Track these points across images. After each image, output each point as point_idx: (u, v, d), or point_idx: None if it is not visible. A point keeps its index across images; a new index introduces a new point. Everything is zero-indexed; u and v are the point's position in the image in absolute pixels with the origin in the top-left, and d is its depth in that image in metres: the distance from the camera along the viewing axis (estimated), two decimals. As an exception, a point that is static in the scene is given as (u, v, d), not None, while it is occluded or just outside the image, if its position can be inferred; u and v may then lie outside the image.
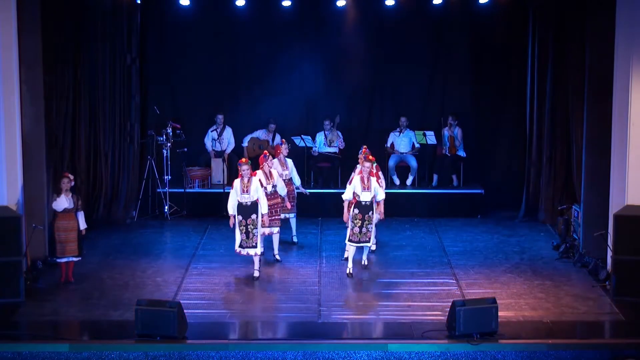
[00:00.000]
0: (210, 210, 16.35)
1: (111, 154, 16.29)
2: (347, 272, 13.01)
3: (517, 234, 15.47)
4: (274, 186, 13.51)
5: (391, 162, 17.27)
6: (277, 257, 13.76)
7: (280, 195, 13.62)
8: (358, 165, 13.44)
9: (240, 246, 12.83)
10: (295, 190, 14.52)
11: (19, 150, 12.76)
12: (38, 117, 13.36)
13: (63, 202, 12.63)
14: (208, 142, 17.28)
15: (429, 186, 17.15)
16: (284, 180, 13.97)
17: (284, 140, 14.77)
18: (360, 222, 12.84)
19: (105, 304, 11.91)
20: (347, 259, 13.23)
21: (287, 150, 14.40)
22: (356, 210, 12.85)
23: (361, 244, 13.03)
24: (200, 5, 16.49)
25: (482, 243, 14.87)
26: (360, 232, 12.86)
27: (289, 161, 14.42)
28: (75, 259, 12.80)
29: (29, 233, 12.60)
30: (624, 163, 12.51)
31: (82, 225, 12.80)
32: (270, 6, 16.66)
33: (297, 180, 14.51)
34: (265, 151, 13.86)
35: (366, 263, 13.45)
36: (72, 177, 12.85)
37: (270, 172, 13.54)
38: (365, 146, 13.65)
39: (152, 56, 17.24)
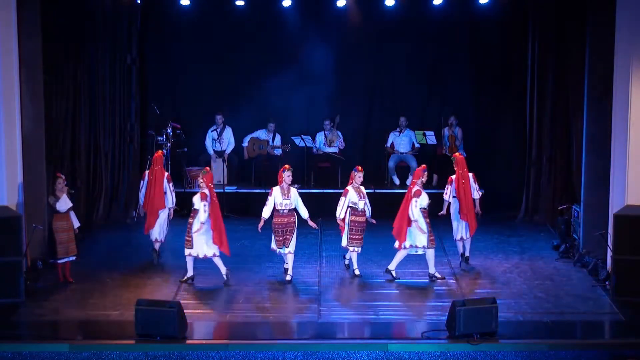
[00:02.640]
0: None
1: (111, 154, 16.31)
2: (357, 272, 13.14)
3: (517, 234, 15.47)
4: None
5: (391, 162, 17.27)
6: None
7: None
8: (349, 187, 13.07)
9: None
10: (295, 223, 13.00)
11: (19, 150, 12.77)
12: (38, 117, 13.37)
13: (67, 202, 12.68)
14: (209, 143, 17.26)
15: (429, 186, 17.12)
16: (285, 210, 12.75)
17: (287, 166, 12.91)
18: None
19: (105, 304, 11.92)
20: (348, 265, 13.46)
21: (290, 178, 12.80)
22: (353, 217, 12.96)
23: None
24: (201, 5, 16.49)
25: (482, 243, 14.85)
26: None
27: (293, 190, 12.91)
28: (73, 258, 12.83)
29: (29, 233, 12.61)
30: (624, 163, 12.52)
31: (76, 224, 12.84)
32: (270, 6, 16.67)
33: (303, 213, 12.90)
34: None
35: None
36: (64, 176, 12.90)
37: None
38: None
39: (152, 56, 17.25)
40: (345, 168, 17.19)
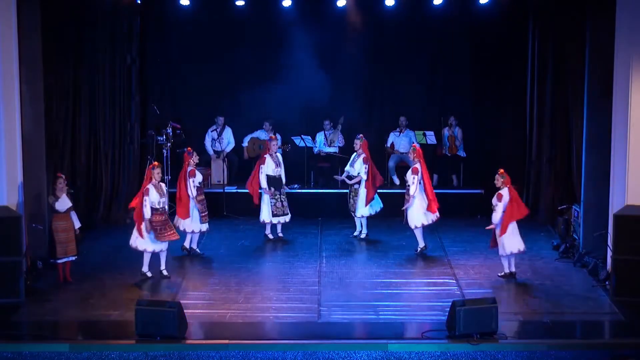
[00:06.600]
0: (210, 210, 16.30)
1: (111, 154, 16.29)
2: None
3: (517, 234, 15.44)
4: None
5: (391, 162, 17.27)
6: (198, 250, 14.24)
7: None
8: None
9: (275, 215, 14.77)
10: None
11: (19, 150, 12.76)
12: (38, 117, 13.37)
13: (67, 201, 12.67)
14: (208, 143, 17.26)
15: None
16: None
17: (155, 162, 13.71)
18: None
19: (105, 304, 11.91)
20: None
21: (160, 175, 13.17)
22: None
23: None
24: (200, 6, 16.49)
25: (482, 243, 14.80)
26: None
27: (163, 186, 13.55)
28: (73, 258, 12.82)
29: (29, 233, 12.60)
30: (624, 163, 12.51)
31: (77, 224, 12.83)
32: (270, 6, 16.66)
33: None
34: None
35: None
36: (64, 176, 12.89)
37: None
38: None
39: (152, 56, 17.24)
40: (344, 168, 17.20)
